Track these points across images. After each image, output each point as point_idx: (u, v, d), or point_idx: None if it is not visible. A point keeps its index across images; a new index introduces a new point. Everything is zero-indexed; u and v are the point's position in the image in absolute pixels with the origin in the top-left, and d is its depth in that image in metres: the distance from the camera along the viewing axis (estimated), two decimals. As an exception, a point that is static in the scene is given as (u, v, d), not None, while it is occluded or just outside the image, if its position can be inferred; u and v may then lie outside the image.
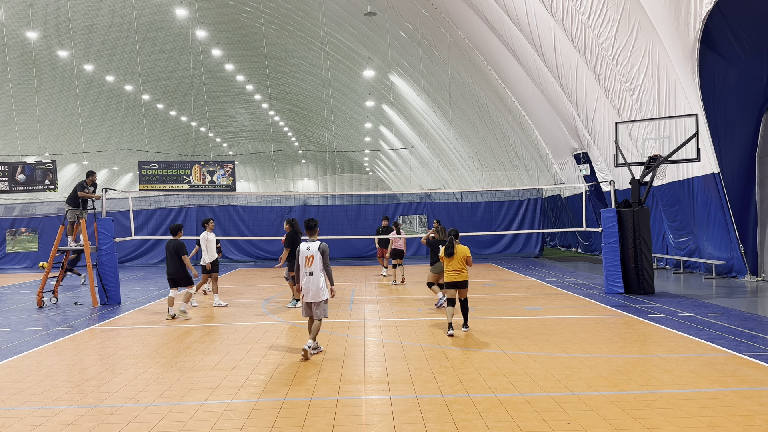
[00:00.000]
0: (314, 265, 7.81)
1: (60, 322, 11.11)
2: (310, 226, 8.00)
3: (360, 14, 28.10)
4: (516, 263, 22.06)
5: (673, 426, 5.15)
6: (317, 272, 7.82)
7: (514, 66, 22.31)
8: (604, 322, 10.02)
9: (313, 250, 7.83)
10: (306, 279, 7.87)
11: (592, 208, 23.38)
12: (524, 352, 7.93)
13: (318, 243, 7.87)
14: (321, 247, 7.83)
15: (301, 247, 7.95)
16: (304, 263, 7.86)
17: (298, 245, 8.13)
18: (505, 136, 29.06)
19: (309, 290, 7.88)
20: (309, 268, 7.85)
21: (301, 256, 7.90)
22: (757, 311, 10.72)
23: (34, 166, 17.34)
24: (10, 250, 25.25)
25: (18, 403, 6.16)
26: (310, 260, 7.83)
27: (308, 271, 7.85)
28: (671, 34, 14.27)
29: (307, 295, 7.90)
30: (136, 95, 48.70)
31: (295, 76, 48.54)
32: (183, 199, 25.61)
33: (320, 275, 7.85)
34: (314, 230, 8.00)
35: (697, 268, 17.39)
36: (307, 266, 7.85)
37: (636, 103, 16.43)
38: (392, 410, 5.71)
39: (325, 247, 7.86)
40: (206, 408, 5.89)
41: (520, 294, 13.64)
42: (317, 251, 7.81)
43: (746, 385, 6.27)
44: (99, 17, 37.10)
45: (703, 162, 14.40)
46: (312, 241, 7.92)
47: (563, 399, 5.92)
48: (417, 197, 27.84)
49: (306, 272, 7.86)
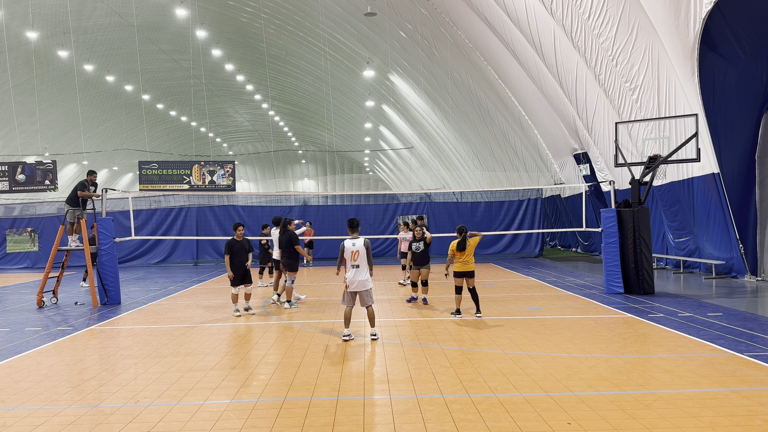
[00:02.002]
0: (360, 258, 8.81)
1: (60, 322, 11.11)
2: (353, 224, 9.17)
3: (360, 14, 28.10)
4: (516, 263, 22.06)
5: (673, 426, 5.15)
6: (363, 265, 8.83)
7: (514, 66, 22.31)
8: (604, 322, 10.02)
9: (359, 245, 8.86)
10: (353, 271, 8.82)
11: (592, 208, 23.38)
12: (524, 352, 7.92)
13: (362, 239, 8.91)
14: (365, 243, 8.91)
15: (347, 243, 8.91)
16: (350, 257, 8.84)
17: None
18: (505, 136, 29.06)
19: (355, 281, 8.81)
20: (355, 261, 8.83)
21: (347, 252, 8.87)
22: (756, 311, 10.71)
23: (34, 166, 17.34)
24: (11, 250, 25.25)
25: (18, 403, 6.16)
26: (356, 254, 8.83)
27: (355, 264, 8.82)
28: (671, 34, 14.26)
29: (352, 285, 8.81)
30: (136, 95, 48.71)
31: (295, 76, 48.54)
32: (183, 199, 25.61)
33: (365, 267, 8.85)
34: (357, 228, 9.16)
35: (697, 268, 17.39)
36: (354, 260, 8.82)
37: (636, 103, 16.43)
38: (392, 410, 5.71)
39: (368, 243, 8.97)
40: (206, 408, 5.89)
41: (520, 294, 13.64)
42: (362, 246, 8.86)
43: (746, 385, 6.27)
44: (99, 17, 37.10)
45: (703, 162, 14.41)
46: (356, 238, 8.96)
47: (563, 399, 5.92)
48: (417, 197, 27.85)
49: (352, 265, 8.83)
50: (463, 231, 10.60)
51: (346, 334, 8.80)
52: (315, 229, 24.59)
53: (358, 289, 8.86)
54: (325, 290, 15.06)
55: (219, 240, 23.86)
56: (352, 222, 9.20)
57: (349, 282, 8.83)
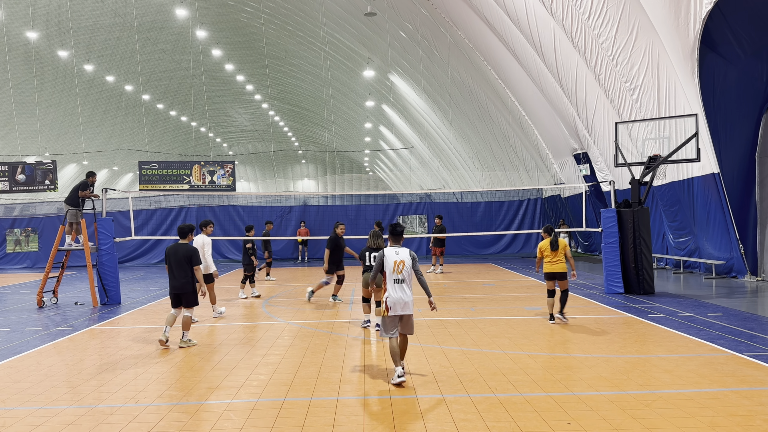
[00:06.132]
0: (405, 271, 6.77)
1: (60, 322, 11.11)
2: (397, 231, 7.05)
3: (360, 14, 28.09)
4: (516, 263, 22.06)
5: (673, 426, 5.15)
6: (408, 280, 6.80)
7: (514, 66, 22.30)
8: (604, 322, 10.02)
9: (404, 255, 6.83)
10: (395, 288, 6.72)
11: (592, 208, 23.38)
12: (524, 352, 7.92)
13: (407, 249, 6.93)
14: (411, 253, 6.91)
15: (388, 251, 6.86)
16: (392, 269, 6.74)
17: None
18: (505, 136, 29.05)
19: (399, 301, 6.69)
20: (399, 274, 6.74)
21: (388, 262, 6.78)
22: (757, 311, 10.71)
23: (34, 166, 17.34)
24: (10, 250, 25.25)
25: (18, 403, 6.16)
26: (400, 265, 6.75)
27: (398, 278, 6.74)
28: (671, 34, 14.26)
29: (396, 306, 6.68)
30: (136, 95, 48.69)
31: (295, 76, 48.53)
32: (183, 199, 25.61)
33: (410, 285, 6.82)
34: (401, 237, 7.10)
35: (697, 268, 17.39)
36: (397, 272, 6.74)
37: (636, 103, 16.42)
38: (392, 410, 5.71)
39: (414, 254, 6.96)
40: (206, 408, 5.89)
41: (520, 294, 13.63)
42: (408, 256, 6.83)
43: (746, 385, 6.27)
44: (99, 17, 37.10)
45: (703, 162, 14.40)
46: (400, 247, 6.98)
47: (563, 399, 5.92)
48: (417, 197, 27.85)
49: (395, 279, 6.73)
50: (551, 230, 10.06)
51: (400, 375, 6.50)
52: (315, 229, 24.61)
53: (403, 311, 6.71)
54: (325, 290, 15.06)
55: (219, 240, 23.86)
56: (395, 228, 7.03)
57: (391, 303, 6.67)
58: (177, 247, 8.69)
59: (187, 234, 8.93)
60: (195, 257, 8.62)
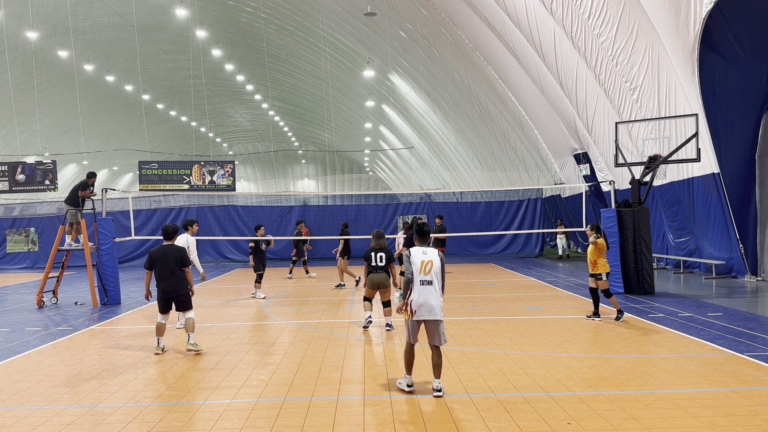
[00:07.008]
0: (434, 271, 6.32)
1: (60, 322, 11.11)
2: (424, 232, 6.65)
3: (360, 14, 28.09)
4: (516, 263, 22.06)
5: (673, 426, 5.15)
6: (437, 282, 6.33)
7: (514, 66, 22.31)
8: (604, 322, 10.02)
9: (432, 255, 6.40)
10: (422, 290, 6.27)
11: (592, 208, 23.37)
12: (524, 352, 7.92)
13: (435, 249, 6.54)
14: (439, 254, 6.50)
15: (415, 251, 6.44)
16: (419, 270, 6.31)
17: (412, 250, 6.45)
18: (505, 136, 29.06)
19: (426, 304, 6.24)
20: (427, 275, 6.30)
21: (416, 262, 6.34)
22: (757, 311, 10.71)
23: (34, 166, 17.33)
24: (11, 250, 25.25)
25: (18, 403, 6.16)
26: (428, 266, 6.33)
27: (426, 280, 6.29)
28: (671, 34, 14.26)
29: (422, 310, 6.25)
30: (136, 95, 48.69)
31: (295, 76, 48.53)
32: (183, 199, 25.59)
33: (439, 287, 6.36)
34: (428, 237, 6.76)
35: (697, 268, 17.39)
36: (425, 273, 6.30)
37: (636, 103, 16.42)
38: (392, 410, 5.71)
39: (443, 256, 6.58)
40: (206, 408, 5.89)
41: (520, 294, 13.64)
42: (436, 257, 6.40)
43: (746, 385, 6.27)
44: (99, 17, 37.10)
45: (703, 162, 14.41)
46: (427, 247, 6.60)
47: (563, 399, 5.92)
48: (417, 197, 27.84)
49: (422, 281, 6.29)
50: (600, 228, 10.47)
51: (409, 384, 6.36)
52: (315, 229, 24.61)
53: (428, 317, 6.26)
54: (325, 290, 15.05)
55: (219, 240, 23.86)
56: (422, 228, 6.63)
57: (416, 306, 6.24)
58: (165, 248, 8.42)
59: (172, 235, 8.69)
60: (185, 258, 8.49)
